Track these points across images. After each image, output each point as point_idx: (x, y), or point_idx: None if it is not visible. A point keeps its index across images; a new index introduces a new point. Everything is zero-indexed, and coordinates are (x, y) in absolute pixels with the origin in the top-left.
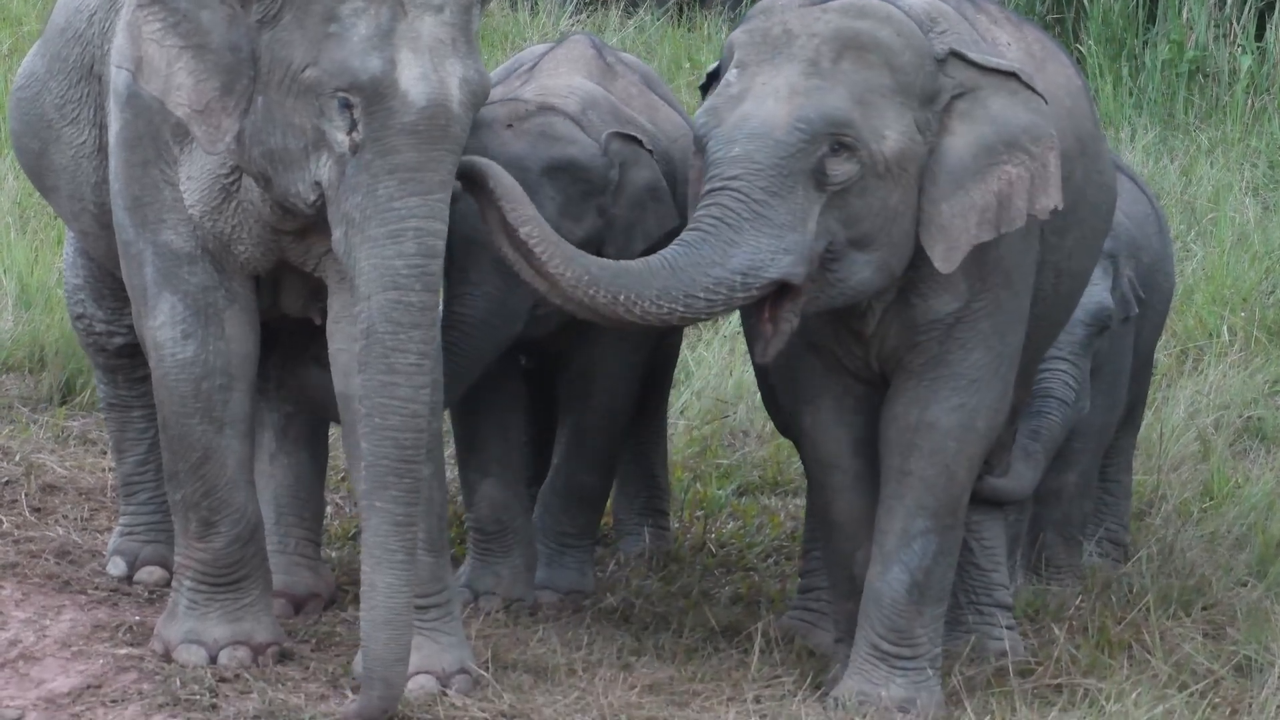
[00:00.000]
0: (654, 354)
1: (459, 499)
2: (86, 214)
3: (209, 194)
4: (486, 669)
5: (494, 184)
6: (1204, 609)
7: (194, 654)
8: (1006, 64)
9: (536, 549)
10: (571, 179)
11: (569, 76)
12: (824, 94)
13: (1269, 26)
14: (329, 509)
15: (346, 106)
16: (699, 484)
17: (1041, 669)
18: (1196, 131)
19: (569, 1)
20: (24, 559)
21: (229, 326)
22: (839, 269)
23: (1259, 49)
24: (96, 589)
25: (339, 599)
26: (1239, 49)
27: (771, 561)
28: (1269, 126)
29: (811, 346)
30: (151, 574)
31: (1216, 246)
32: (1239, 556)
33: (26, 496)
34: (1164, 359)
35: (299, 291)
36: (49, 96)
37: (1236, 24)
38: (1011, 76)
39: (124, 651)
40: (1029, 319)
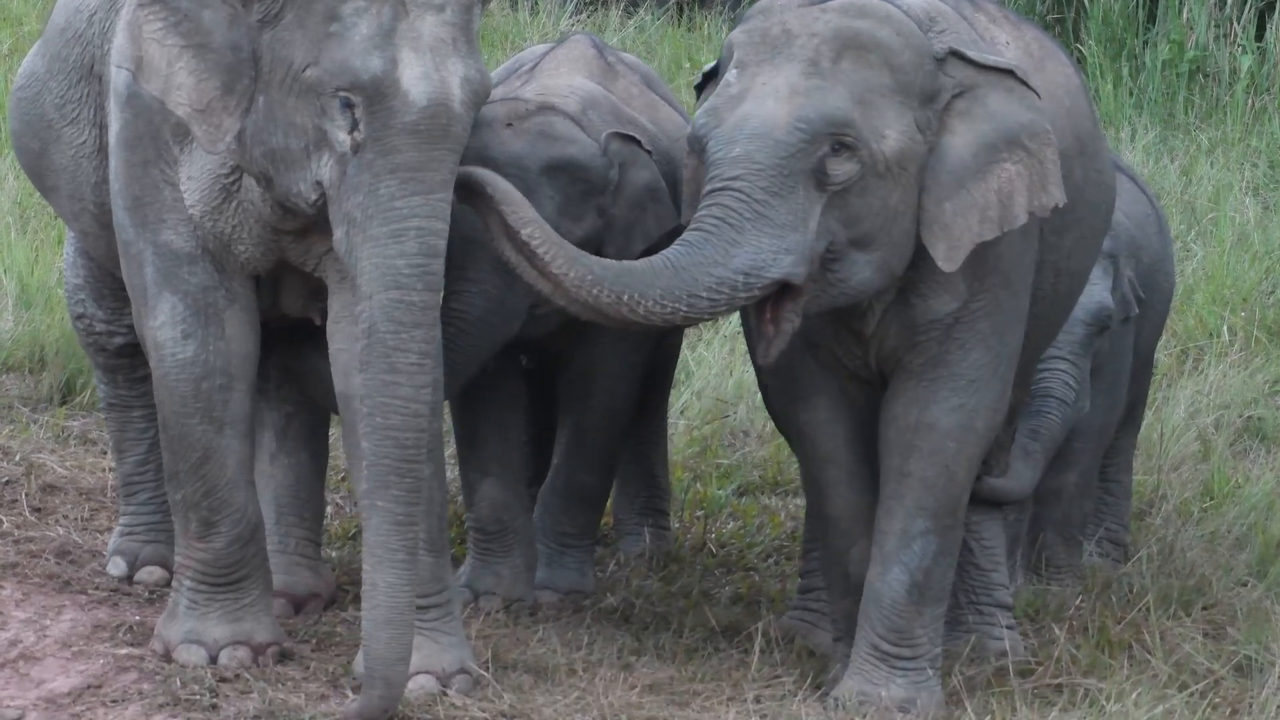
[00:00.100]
0: (654, 354)
1: (459, 499)
2: (86, 214)
3: (209, 194)
4: (486, 669)
5: (491, 189)
6: (1204, 609)
7: (194, 654)
8: (1003, 61)
9: (536, 549)
10: (571, 178)
11: (570, 76)
12: (824, 94)
13: (1269, 26)
14: (329, 509)
15: (348, 106)
16: (699, 484)
17: (1041, 669)
18: (1196, 131)
19: (569, 1)
20: (24, 559)
21: (229, 326)
22: (840, 269)
23: (1259, 49)
24: (96, 589)
25: (339, 599)
26: (1239, 49)
27: (771, 561)
28: (1269, 126)
29: (810, 345)
30: (151, 574)
31: (1216, 246)
32: (1239, 556)
33: (26, 496)
34: (1164, 359)
35: (299, 291)
36: (49, 96)
37: (1236, 24)
38: (1008, 74)
39: (124, 651)
40: (1028, 318)
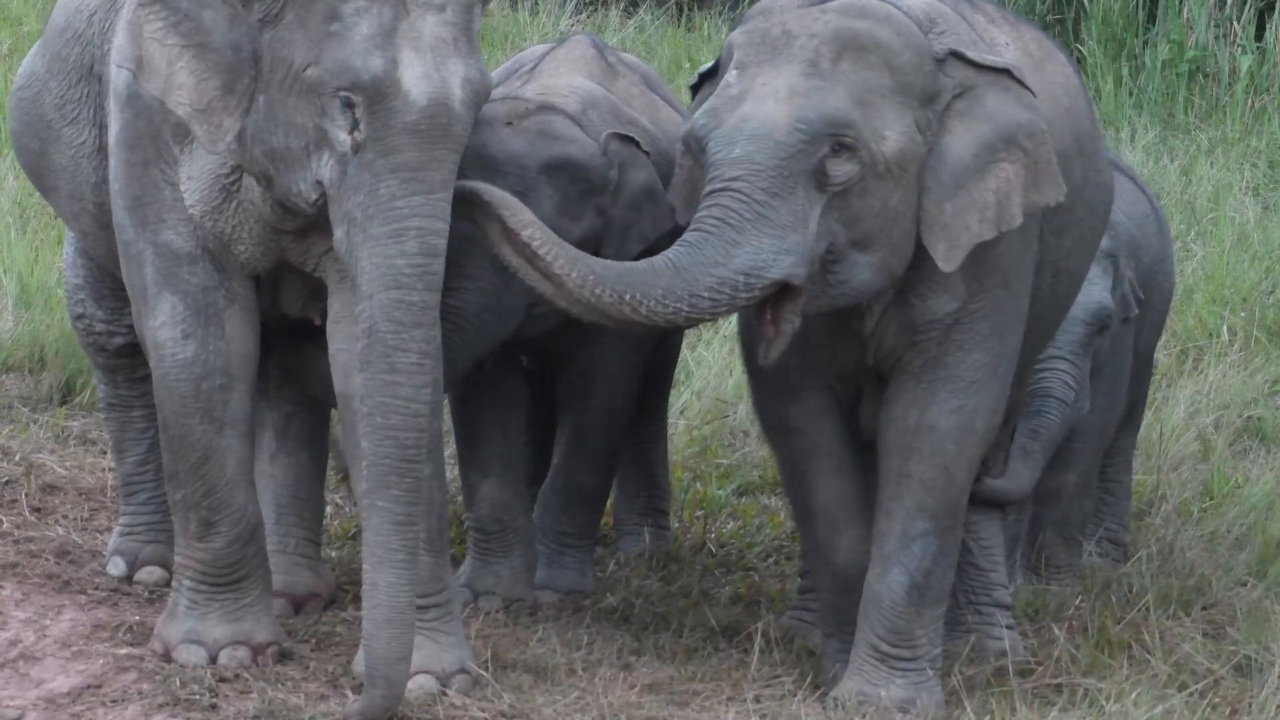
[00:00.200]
0: (654, 354)
1: (459, 499)
2: (86, 214)
3: (209, 194)
4: (486, 669)
5: (488, 196)
6: (1204, 609)
7: (194, 654)
8: (1000, 61)
9: (536, 549)
10: (570, 178)
11: (570, 76)
12: (824, 94)
13: (1269, 26)
14: (329, 509)
15: (348, 105)
16: (699, 484)
17: (1041, 669)
18: (1196, 131)
19: (569, 1)
20: (24, 559)
21: (229, 326)
22: (840, 270)
23: (1259, 49)
24: (96, 589)
25: (339, 599)
26: (1239, 49)
27: (771, 561)
28: (1269, 126)
29: (804, 344)
30: (151, 574)
31: (1216, 246)
32: (1239, 556)
33: (26, 496)
34: (1164, 359)
35: (299, 291)
36: (49, 96)
37: (1236, 24)
38: (1005, 74)
39: (124, 651)
40: (1026, 319)
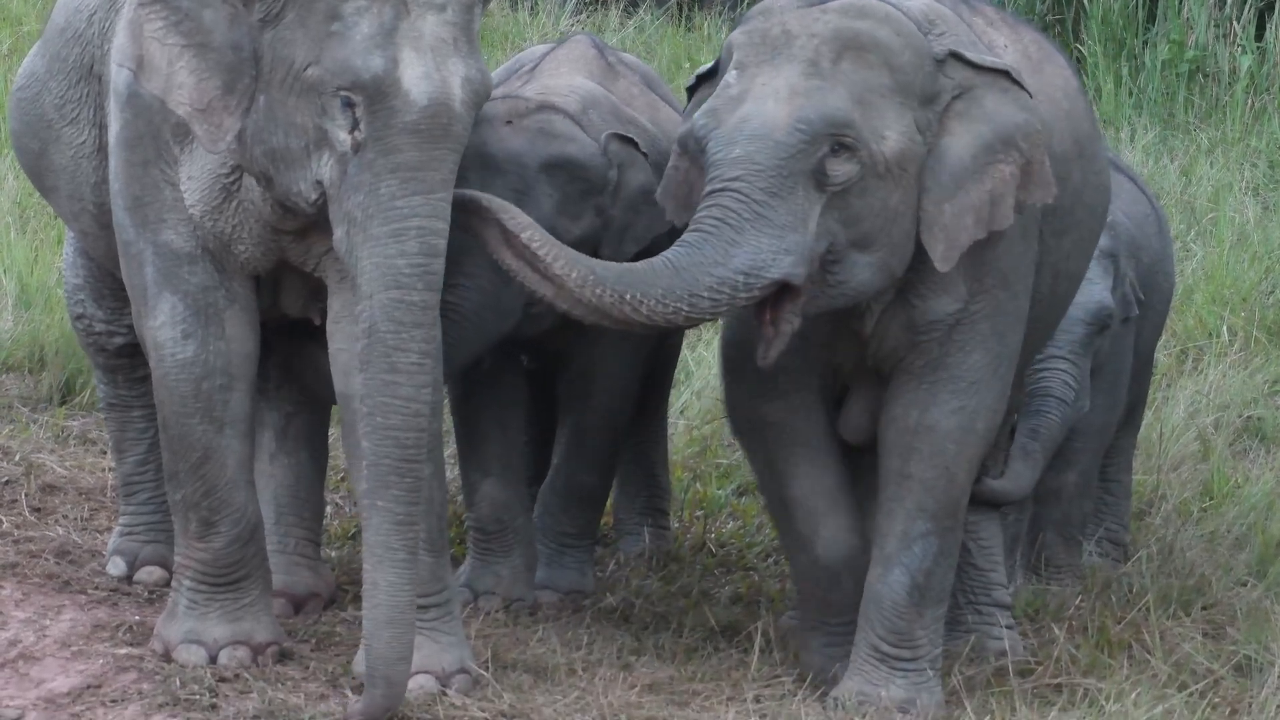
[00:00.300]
0: (654, 354)
1: (459, 498)
2: (86, 214)
3: (209, 194)
4: (486, 669)
5: (485, 201)
6: (1204, 609)
7: (194, 654)
8: (998, 62)
9: (536, 549)
10: (570, 177)
11: (570, 76)
12: (824, 95)
13: (1269, 26)
14: (329, 509)
15: (349, 105)
16: (699, 484)
17: (1041, 669)
18: (1196, 131)
19: (569, 1)
20: (24, 559)
21: (229, 326)
22: (840, 270)
23: (1259, 49)
24: (96, 589)
25: (339, 599)
26: (1239, 49)
27: (771, 561)
28: (1269, 126)
29: (804, 345)
30: (151, 574)
31: (1216, 246)
32: (1239, 556)
33: (26, 496)
34: (1164, 359)
35: (299, 291)
36: (49, 96)
37: (1236, 24)
38: (1002, 74)
39: (124, 651)
40: (1026, 320)
